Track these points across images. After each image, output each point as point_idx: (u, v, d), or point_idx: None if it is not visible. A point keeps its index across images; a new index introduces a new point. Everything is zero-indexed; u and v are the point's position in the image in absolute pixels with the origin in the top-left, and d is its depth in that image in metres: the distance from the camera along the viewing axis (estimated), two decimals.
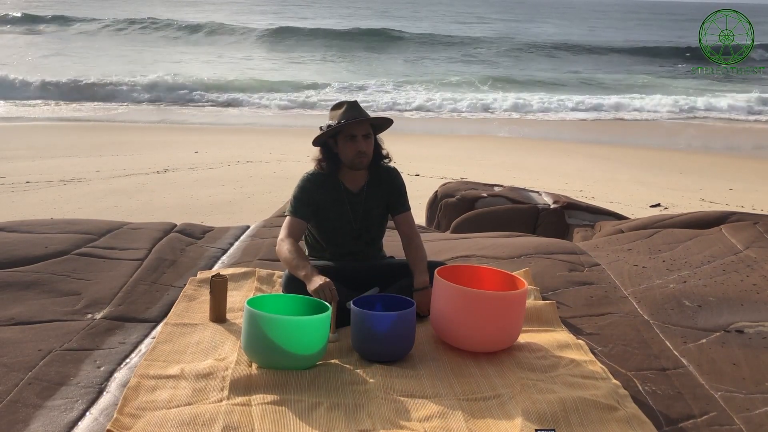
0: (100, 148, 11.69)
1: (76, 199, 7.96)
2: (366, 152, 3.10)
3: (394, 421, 2.23)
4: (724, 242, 4.02)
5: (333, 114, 3.11)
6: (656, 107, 18.75)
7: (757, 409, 2.34)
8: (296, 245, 3.04)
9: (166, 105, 18.25)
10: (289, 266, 2.99)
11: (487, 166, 10.74)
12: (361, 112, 3.11)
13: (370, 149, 3.12)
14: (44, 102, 17.44)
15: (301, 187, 3.17)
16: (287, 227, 3.12)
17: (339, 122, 3.06)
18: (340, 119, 3.06)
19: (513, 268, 3.54)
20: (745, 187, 9.90)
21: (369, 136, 3.11)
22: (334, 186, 3.17)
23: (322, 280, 2.81)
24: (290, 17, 47.22)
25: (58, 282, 3.36)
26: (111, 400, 2.34)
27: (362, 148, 3.07)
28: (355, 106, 3.12)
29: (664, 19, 67.17)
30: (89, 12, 38.67)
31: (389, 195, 3.26)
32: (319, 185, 3.16)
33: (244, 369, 2.52)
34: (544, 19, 60.64)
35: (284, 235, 3.09)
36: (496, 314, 2.70)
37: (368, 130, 3.11)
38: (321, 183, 3.16)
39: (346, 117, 3.06)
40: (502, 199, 6.07)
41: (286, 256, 3.00)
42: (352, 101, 3.15)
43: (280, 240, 3.08)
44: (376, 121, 3.14)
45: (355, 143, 3.06)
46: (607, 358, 2.74)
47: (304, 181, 3.18)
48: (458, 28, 41.86)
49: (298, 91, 19.72)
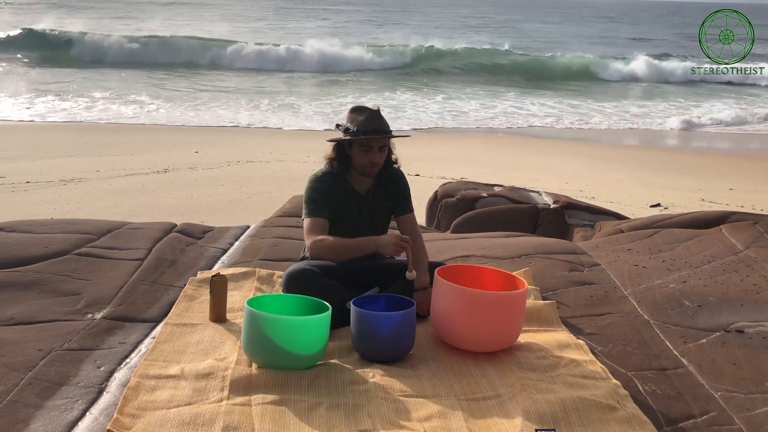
0: (100, 148, 11.69)
1: (76, 199, 7.96)
2: (379, 163, 3.09)
3: (394, 421, 2.23)
4: (724, 242, 4.02)
5: (353, 117, 3.05)
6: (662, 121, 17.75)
7: (757, 409, 2.34)
8: (331, 236, 3.02)
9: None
10: (348, 248, 2.99)
11: (487, 166, 10.74)
12: (382, 123, 3.05)
13: (383, 160, 3.10)
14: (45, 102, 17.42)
15: (314, 189, 3.13)
16: (311, 229, 3.04)
17: (357, 130, 3.01)
18: (360, 127, 3.01)
19: (513, 268, 3.54)
20: (745, 187, 9.90)
21: (384, 148, 3.09)
22: (343, 187, 3.16)
23: (393, 238, 2.88)
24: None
25: (58, 282, 3.36)
26: (111, 400, 2.34)
27: (376, 159, 3.06)
28: (377, 116, 3.05)
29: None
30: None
31: (394, 197, 3.25)
32: (329, 186, 3.13)
33: (244, 369, 2.52)
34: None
35: (314, 233, 3.03)
36: (496, 314, 2.70)
37: (385, 143, 3.08)
38: (330, 183, 3.14)
39: (366, 127, 3.01)
40: (502, 199, 6.07)
41: (334, 245, 2.98)
42: (375, 110, 3.06)
43: (313, 242, 3.01)
44: (396, 136, 3.11)
45: (370, 154, 3.04)
46: (607, 358, 2.74)
47: (314, 182, 3.14)
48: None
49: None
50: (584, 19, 63.87)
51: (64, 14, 37.89)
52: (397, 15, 57.85)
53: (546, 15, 67.38)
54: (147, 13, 43.92)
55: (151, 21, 37.53)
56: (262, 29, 37.37)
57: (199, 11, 49.29)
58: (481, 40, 33.88)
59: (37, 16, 34.59)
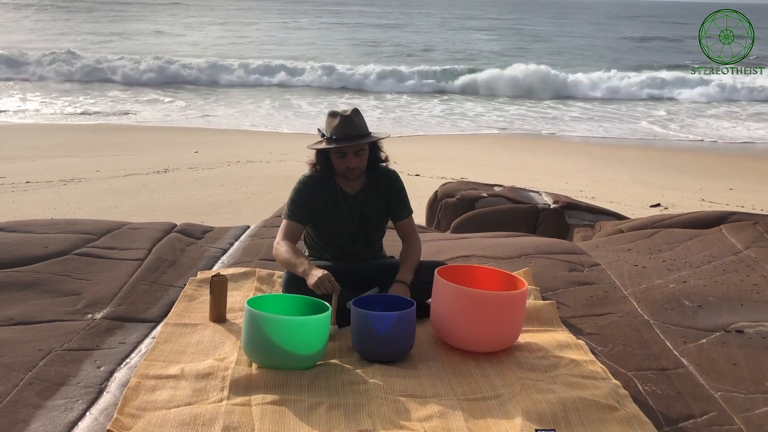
0: (100, 148, 11.70)
1: (76, 199, 7.96)
2: (356, 167, 3.05)
3: (394, 421, 2.23)
4: (724, 242, 4.02)
5: (328, 122, 3.05)
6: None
7: (757, 409, 2.34)
8: (293, 246, 3.03)
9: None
10: (288, 266, 2.99)
11: (487, 166, 10.74)
12: (353, 128, 2.99)
13: (361, 163, 3.06)
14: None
15: (297, 190, 3.14)
16: (283, 230, 3.11)
17: (330, 137, 2.99)
18: (333, 133, 3.00)
19: (513, 268, 3.54)
20: (745, 187, 9.91)
21: (360, 152, 3.04)
22: (331, 189, 3.16)
23: (320, 272, 2.81)
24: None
25: (58, 282, 3.36)
26: (111, 400, 2.34)
27: (351, 164, 3.03)
28: (348, 121, 3.00)
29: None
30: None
31: (388, 198, 3.23)
32: (316, 188, 3.14)
33: (244, 369, 2.51)
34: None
35: (280, 237, 3.09)
36: (496, 314, 2.70)
37: (361, 147, 3.03)
38: (318, 186, 3.14)
39: (338, 133, 2.99)
40: (502, 199, 6.07)
41: (283, 257, 3.00)
42: (347, 115, 3.01)
43: (276, 243, 3.07)
44: (366, 141, 3.03)
45: (345, 159, 3.02)
46: (607, 358, 2.74)
47: (300, 183, 3.16)
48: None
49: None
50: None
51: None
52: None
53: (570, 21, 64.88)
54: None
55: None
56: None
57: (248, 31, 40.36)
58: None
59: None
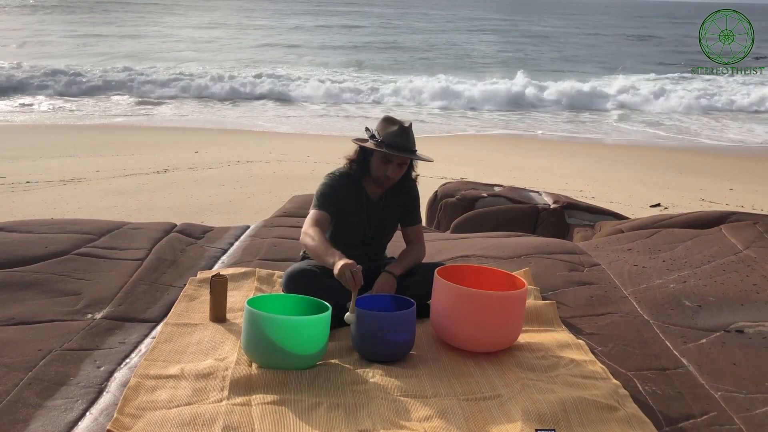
0: (100, 148, 11.70)
1: (76, 199, 7.96)
2: (394, 179, 3.09)
3: (394, 421, 2.23)
4: (724, 242, 4.02)
5: (382, 126, 3.06)
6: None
7: (757, 409, 2.34)
8: (321, 234, 2.98)
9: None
10: (315, 254, 2.93)
11: (487, 166, 10.74)
12: (407, 141, 3.04)
13: (399, 176, 3.11)
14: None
15: (327, 185, 3.14)
16: (313, 218, 3.05)
17: (382, 141, 3.01)
18: (386, 139, 3.01)
19: (513, 268, 3.54)
20: (745, 187, 9.91)
21: (403, 165, 3.09)
22: (357, 191, 3.17)
23: (344, 262, 2.75)
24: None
25: (58, 282, 3.36)
26: (111, 400, 2.34)
27: (391, 174, 3.06)
28: (405, 132, 3.04)
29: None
30: None
31: (404, 206, 3.28)
32: (343, 187, 3.14)
33: (244, 369, 2.52)
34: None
35: (309, 224, 3.03)
36: (496, 314, 2.70)
37: (405, 160, 3.08)
38: (344, 185, 3.15)
39: (392, 140, 3.01)
40: (502, 199, 6.07)
41: (311, 245, 2.94)
42: (406, 126, 3.06)
43: (305, 231, 3.01)
44: (417, 158, 3.12)
45: (387, 167, 3.05)
46: (607, 358, 2.74)
47: (330, 179, 3.16)
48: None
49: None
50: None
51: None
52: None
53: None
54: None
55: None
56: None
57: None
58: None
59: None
